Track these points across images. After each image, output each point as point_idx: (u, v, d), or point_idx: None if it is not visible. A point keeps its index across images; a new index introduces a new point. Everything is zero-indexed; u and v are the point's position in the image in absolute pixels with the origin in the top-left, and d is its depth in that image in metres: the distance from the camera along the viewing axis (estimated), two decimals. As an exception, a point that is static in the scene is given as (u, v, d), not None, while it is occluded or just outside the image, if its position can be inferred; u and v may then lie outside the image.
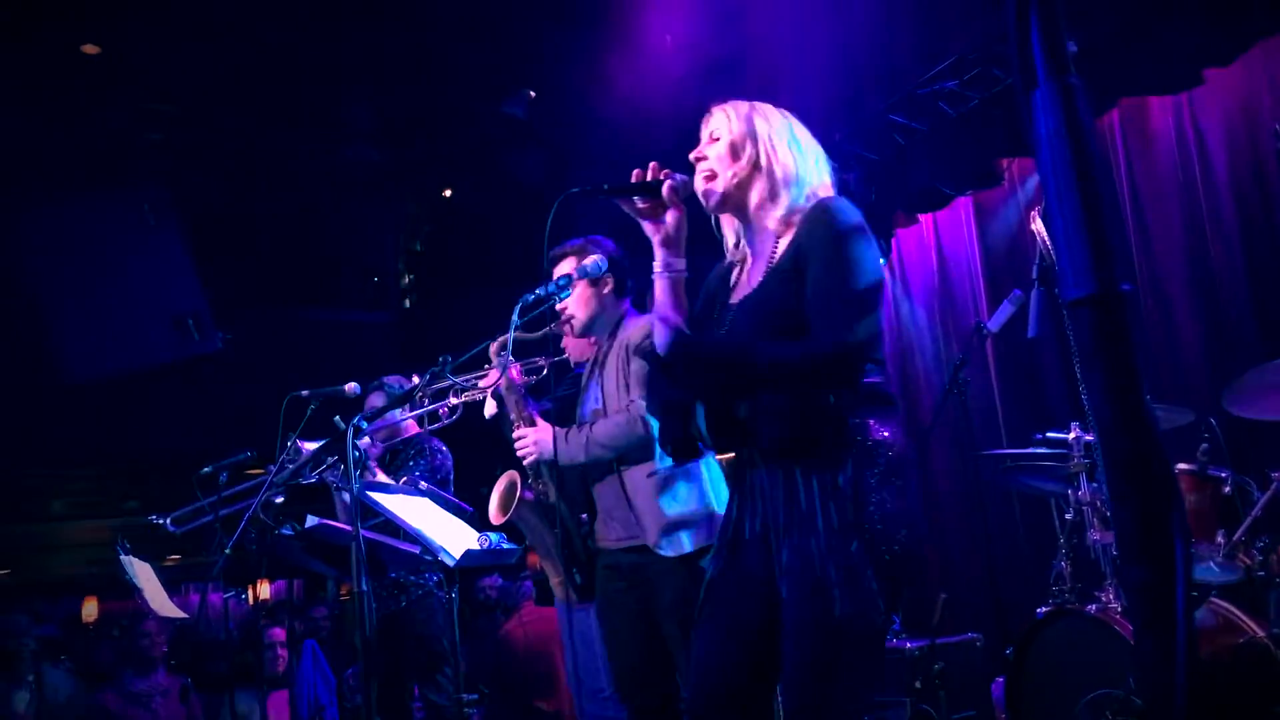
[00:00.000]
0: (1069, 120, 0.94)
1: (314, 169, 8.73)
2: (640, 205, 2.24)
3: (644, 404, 3.03)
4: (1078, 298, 0.92)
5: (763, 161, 2.21)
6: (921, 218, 6.48)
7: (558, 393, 3.55)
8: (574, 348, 3.52)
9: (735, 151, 2.23)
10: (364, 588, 2.87)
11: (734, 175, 2.23)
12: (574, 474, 3.27)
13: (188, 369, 7.49)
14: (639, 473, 3.12)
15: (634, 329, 3.24)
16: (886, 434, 2.09)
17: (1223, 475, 3.53)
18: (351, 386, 4.32)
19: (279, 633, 5.91)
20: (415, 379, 4.61)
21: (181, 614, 4.81)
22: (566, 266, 3.29)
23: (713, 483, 3.17)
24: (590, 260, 3.21)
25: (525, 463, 3.29)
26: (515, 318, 2.87)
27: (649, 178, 2.23)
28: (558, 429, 3.23)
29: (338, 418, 3.60)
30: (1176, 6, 4.60)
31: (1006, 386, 5.88)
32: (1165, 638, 0.81)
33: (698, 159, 2.27)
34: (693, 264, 2.31)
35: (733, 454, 2.29)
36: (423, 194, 9.84)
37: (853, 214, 2.13)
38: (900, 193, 6.26)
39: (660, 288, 2.25)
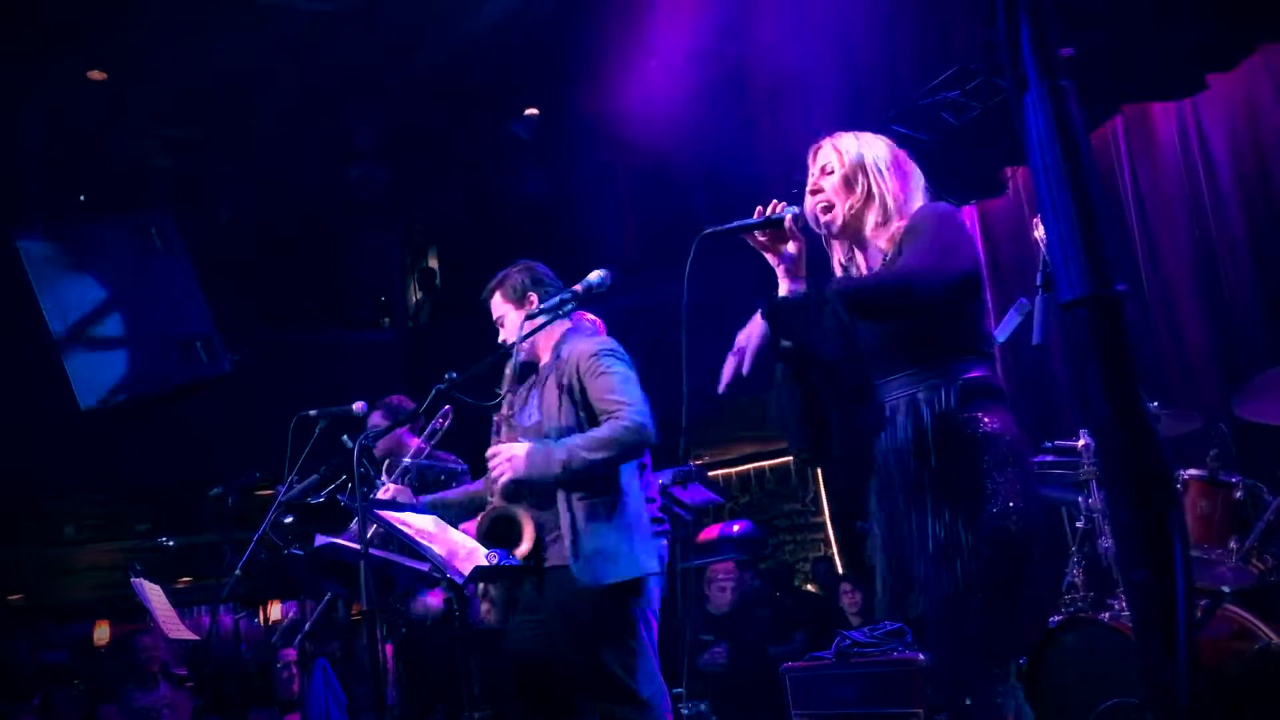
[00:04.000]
0: (1060, 123, 0.94)
1: (319, 190, 8.77)
2: (762, 239, 2.37)
3: (641, 413, 3.08)
4: (1073, 299, 0.92)
5: (875, 190, 2.39)
6: (926, 228, 6.47)
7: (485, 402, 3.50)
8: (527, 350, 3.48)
9: (849, 183, 2.40)
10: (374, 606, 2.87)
11: (850, 206, 2.40)
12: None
13: (197, 391, 7.50)
14: (574, 494, 3.11)
15: (579, 347, 3.25)
16: (997, 425, 2.25)
17: (1234, 480, 3.51)
18: (359, 406, 4.34)
19: (290, 653, 5.90)
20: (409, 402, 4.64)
21: (193, 635, 4.82)
22: (498, 300, 3.42)
23: (638, 516, 3.18)
24: (595, 276, 3.25)
25: (499, 483, 3.17)
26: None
27: (769, 213, 2.35)
28: (528, 447, 3.14)
29: (345, 436, 3.61)
30: (1178, 12, 4.60)
31: (1015, 395, 5.85)
32: (1166, 636, 0.81)
33: (814, 191, 2.44)
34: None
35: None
36: (428, 212, 9.88)
37: (942, 209, 2.37)
38: (905, 203, 6.25)
39: (739, 356, 2.37)
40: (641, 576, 3.12)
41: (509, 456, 3.12)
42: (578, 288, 3.29)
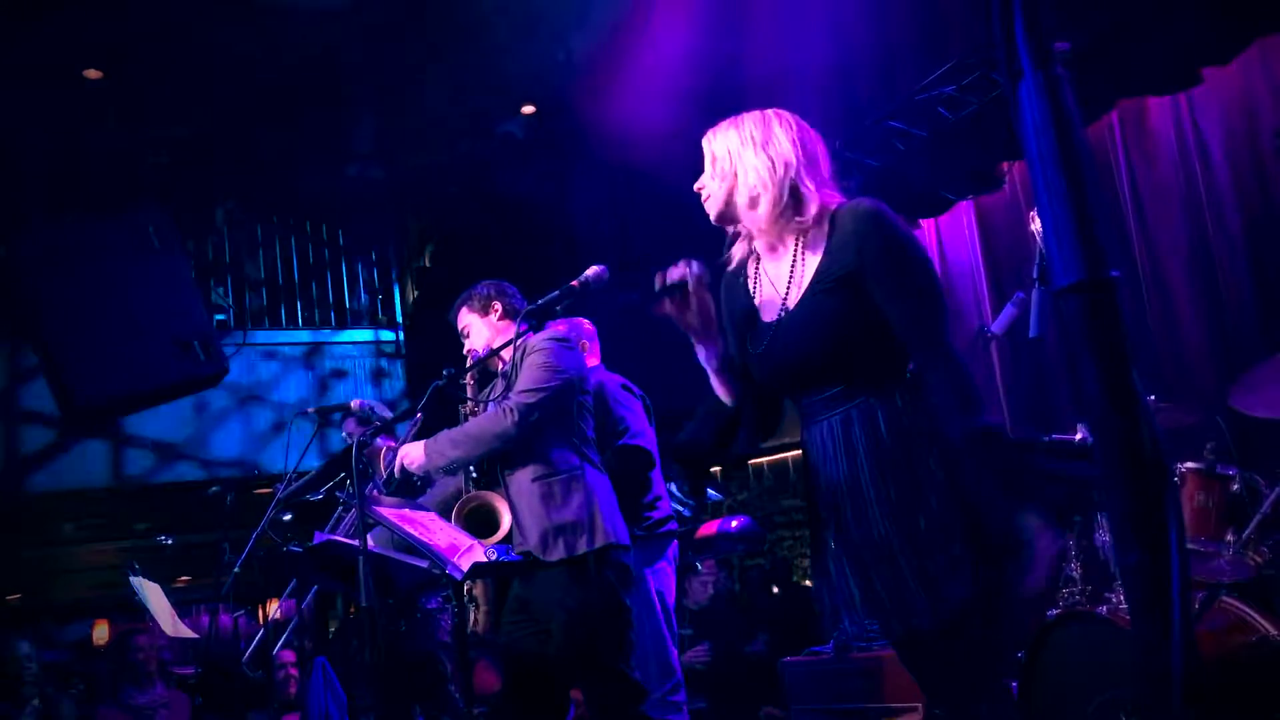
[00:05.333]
0: (1055, 111, 0.95)
1: (316, 188, 8.77)
2: (671, 306, 2.24)
3: (524, 399, 3.18)
4: (1067, 284, 0.93)
5: (738, 170, 2.24)
6: (923, 223, 6.49)
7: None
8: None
9: (722, 168, 2.27)
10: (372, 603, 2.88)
11: (725, 191, 2.26)
12: None
13: (194, 390, 7.50)
14: (523, 478, 3.22)
15: (531, 339, 3.37)
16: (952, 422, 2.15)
17: (1230, 473, 3.52)
18: (358, 403, 4.34)
19: (289, 654, 5.90)
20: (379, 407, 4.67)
21: (192, 634, 4.82)
22: (464, 313, 3.61)
23: (598, 490, 3.25)
24: (592, 272, 3.29)
25: (394, 470, 3.36)
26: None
27: (667, 280, 2.24)
28: (424, 441, 3.31)
29: (344, 434, 3.62)
30: (1173, 6, 4.61)
31: (1012, 389, 5.87)
32: (1162, 619, 0.81)
33: (699, 189, 2.32)
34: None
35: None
36: (425, 211, 9.88)
37: (893, 218, 2.17)
38: (901, 198, 6.26)
39: (712, 376, 2.32)
40: (605, 546, 3.15)
41: (404, 452, 3.33)
42: (575, 284, 3.32)
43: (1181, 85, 4.86)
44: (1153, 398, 3.71)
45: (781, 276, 2.25)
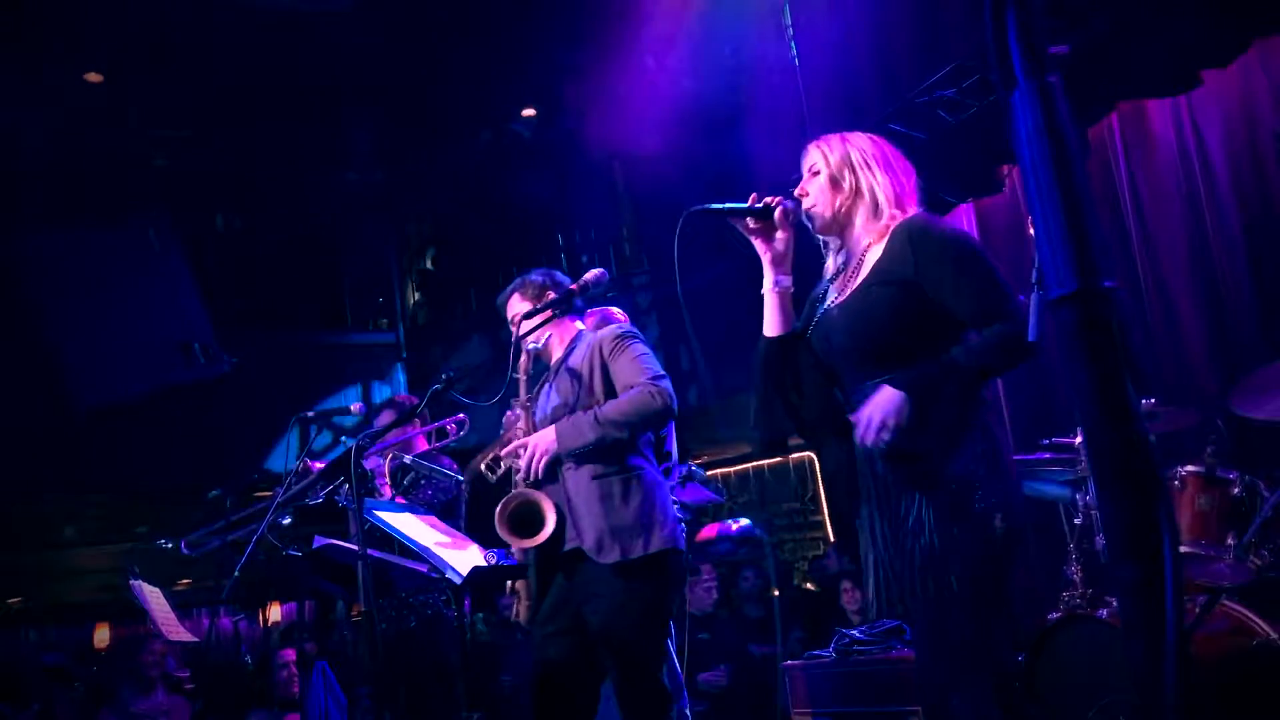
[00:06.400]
0: (1048, 119, 0.94)
1: (317, 191, 8.77)
2: (753, 226, 2.48)
3: (666, 383, 3.15)
4: (1061, 295, 0.92)
5: (863, 186, 2.46)
6: (923, 225, 6.47)
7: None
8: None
9: (836, 183, 2.47)
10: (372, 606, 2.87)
11: (840, 204, 2.47)
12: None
13: (195, 393, 7.51)
14: (583, 475, 3.13)
15: (600, 333, 3.32)
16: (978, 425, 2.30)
17: (1231, 476, 3.51)
18: (357, 406, 4.34)
19: (289, 654, 5.90)
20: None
21: (192, 638, 4.82)
22: (515, 300, 3.46)
23: (656, 492, 3.17)
24: (592, 275, 3.31)
25: (542, 467, 3.18)
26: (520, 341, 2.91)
27: (763, 203, 2.46)
28: (554, 425, 3.20)
29: (345, 437, 3.61)
30: (1172, 8, 4.60)
31: (1012, 393, 5.86)
32: (1155, 634, 0.81)
33: (802, 194, 2.51)
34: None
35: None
36: (425, 213, 9.88)
37: (940, 224, 2.45)
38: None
39: (771, 303, 2.50)
40: (660, 551, 3.09)
41: (536, 441, 3.17)
42: (574, 287, 3.35)
43: (1181, 87, 4.85)
44: (1153, 400, 3.70)
45: (851, 275, 2.47)
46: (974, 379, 2.28)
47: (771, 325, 2.50)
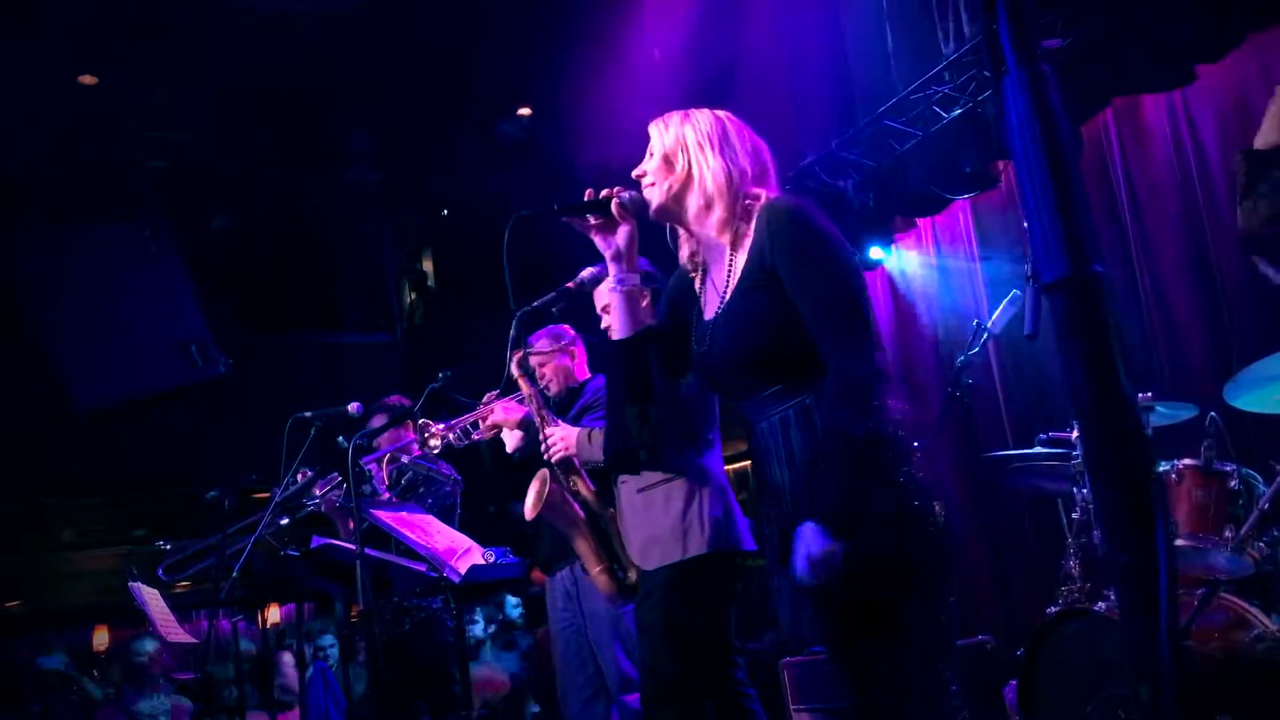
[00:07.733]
0: (1039, 106, 0.95)
1: (314, 192, 8.76)
2: (594, 222, 2.30)
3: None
4: (1052, 281, 0.93)
5: (693, 171, 2.21)
6: (920, 222, 6.48)
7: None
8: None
9: (669, 163, 2.24)
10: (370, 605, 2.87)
11: (669, 186, 2.23)
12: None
13: (192, 394, 7.50)
14: (630, 488, 3.20)
15: None
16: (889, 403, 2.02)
17: (1228, 470, 3.51)
18: (354, 407, 4.33)
19: (288, 656, 5.90)
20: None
21: (191, 639, 4.81)
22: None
23: (706, 494, 3.14)
24: (588, 272, 3.29)
25: (555, 460, 3.39)
26: (514, 332, 2.91)
27: (600, 196, 2.28)
28: (580, 430, 3.37)
29: (341, 438, 3.61)
30: (1166, 3, 4.61)
31: (1010, 388, 5.87)
32: (1150, 618, 0.81)
33: (639, 175, 2.30)
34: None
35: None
36: (422, 214, 9.88)
37: (810, 215, 2.12)
38: (898, 198, 6.27)
39: (615, 302, 2.30)
40: (709, 554, 3.04)
41: (563, 436, 3.37)
42: (570, 285, 3.32)
43: (1175, 82, 4.86)
44: (1149, 394, 3.71)
45: (720, 275, 2.23)
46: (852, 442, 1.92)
47: (619, 327, 2.28)
